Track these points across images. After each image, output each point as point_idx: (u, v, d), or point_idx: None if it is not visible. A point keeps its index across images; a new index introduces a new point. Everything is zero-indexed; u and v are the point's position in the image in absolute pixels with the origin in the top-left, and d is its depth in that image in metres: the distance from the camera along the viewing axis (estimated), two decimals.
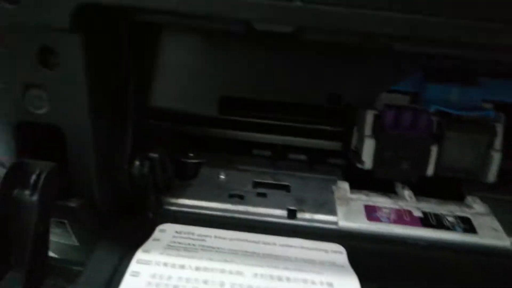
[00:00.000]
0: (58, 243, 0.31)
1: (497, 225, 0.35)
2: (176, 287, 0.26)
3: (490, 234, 0.34)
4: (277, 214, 0.35)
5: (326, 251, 0.31)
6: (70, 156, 0.27)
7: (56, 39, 0.23)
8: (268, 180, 0.39)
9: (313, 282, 0.27)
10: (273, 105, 0.40)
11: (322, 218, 0.34)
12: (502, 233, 0.34)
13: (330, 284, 0.27)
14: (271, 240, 0.31)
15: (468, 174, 0.37)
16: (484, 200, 0.38)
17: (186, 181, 0.38)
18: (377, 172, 0.37)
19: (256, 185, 0.38)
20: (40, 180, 0.25)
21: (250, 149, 0.44)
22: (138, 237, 0.30)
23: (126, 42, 0.27)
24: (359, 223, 0.34)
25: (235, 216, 0.34)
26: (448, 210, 0.36)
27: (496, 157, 0.36)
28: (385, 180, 0.39)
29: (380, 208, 0.36)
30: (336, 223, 0.34)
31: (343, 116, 0.41)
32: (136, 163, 0.31)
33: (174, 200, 0.35)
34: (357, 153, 0.39)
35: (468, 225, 0.35)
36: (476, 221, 0.35)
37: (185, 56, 0.32)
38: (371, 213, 0.35)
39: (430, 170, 0.37)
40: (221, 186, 0.37)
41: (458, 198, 0.38)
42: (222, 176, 0.39)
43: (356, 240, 0.32)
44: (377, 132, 0.37)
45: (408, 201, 0.37)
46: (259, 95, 0.34)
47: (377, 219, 0.34)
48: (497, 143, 0.37)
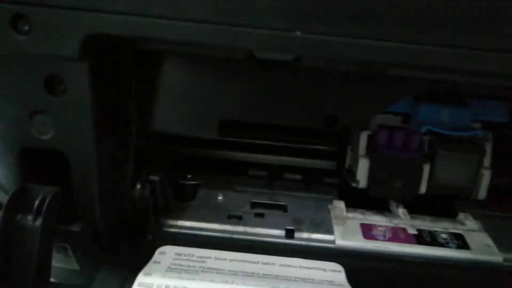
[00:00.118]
0: (59, 268, 0.31)
1: (489, 241, 0.36)
2: None
3: (483, 250, 0.35)
4: (275, 234, 0.35)
5: (325, 270, 0.31)
6: (74, 181, 0.27)
7: (64, 67, 0.24)
8: (265, 201, 0.39)
9: None
10: (270, 126, 0.41)
11: (320, 237, 0.35)
12: (495, 249, 0.35)
13: None
14: (271, 260, 0.32)
15: (460, 192, 0.38)
16: (476, 217, 0.39)
17: (185, 203, 0.38)
18: (372, 191, 0.38)
19: (254, 206, 0.39)
20: (44, 205, 0.25)
21: (247, 170, 0.45)
22: (139, 260, 0.30)
23: (130, 69, 0.28)
24: (356, 242, 0.35)
25: (234, 237, 0.35)
26: (442, 227, 0.37)
27: (486, 175, 0.38)
28: (380, 199, 0.40)
29: (376, 226, 0.37)
30: (334, 242, 0.35)
31: (338, 136, 0.42)
32: (137, 187, 0.32)
33: (173, 222, 0.35)
34: (352, 173, 0.40)
35: (462, 242, 0.36)
36: (469, 238, 0.36)
37: (186, 81, 0.33)
38: (367, 232, 0.36)
39: (423, 189, 0.38)
40: (219, 207, 0.38)
41: (451, 215, 0.39)
42: (220, 197, 0.39)
43: (354, 259, 0.33)
44: (371, 152, 0.38)
45: (403, 219, 0.38)
46: (259, 118, 0.35)
47: (373, 237, 0.35)
48: (487, 161, 0.38)
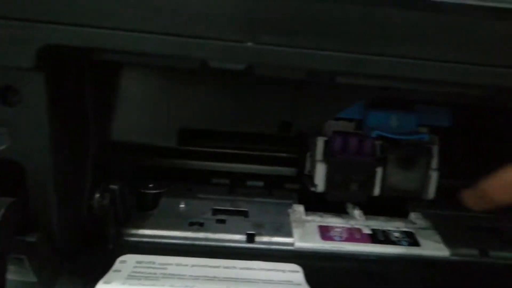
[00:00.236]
0: (14, 282, 0.30)
1: (438, 238, 0.38)
2: None
3: (432, 246, 0.37)
4: (237, 239, 0.36)
5: (284, 271, 0.32)
6: (30, 191, 0.27)
7: (19, 78, 0.24)
8: (227, 207, 0.40)
9: None
10: (231, 135, 0.42)
11: (279, 240, 0.36)
12: (443, 245, 0.37)
13: None
14: (231, 264, 0.32)
15: (410, 193, 0.41)
16: (426, 216, 0.41)
17: (147, 212, 0.38)
18: (329, 195, 0.40)
19: (216, 212, 0.39)
20: None
21: (210, 178, 0.45)
22: (99, 270, 0.30)
23: (87, 79, 0.28)
24: (314, 243, 0.36)
25: (196, 243, 0.35)
26: (394, 226, 0.39)
27: (434, 176, 0.40)
28: (337, 202, 0.41)
29: (333, 228, 0.38)
30: (293, 244, 0.36)
31: (298, 143, 0.44)
32: (96, 196, 0.32)
33: (135, 231, 0.36)
34: (311, 177, 0.42)
35: (412, 239, 0.38)
36: (419, 235, 0.38)
37: (145, 91, 0.34)
38: (325, 233, 0.37)
39: (377, 191, 0.40)
40: (181, 215, 0.38)
41: (403, 215, 0.41)
42: (182, 205, 0.40)
43: (312, 259, 0.34)
44: (328, 157, 0.40)
45: (358, 220, 0.40)
46: (216, 126, 0.36)
47: (331, 238, 0.37)
48: (434, 163, 0.41)
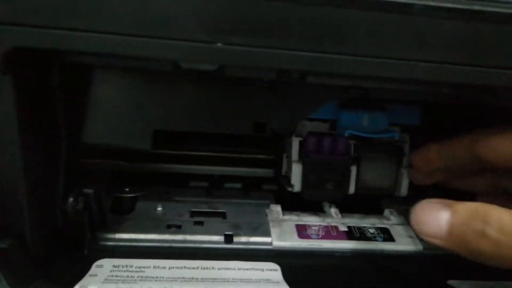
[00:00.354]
0: None
1: (412, 233, 0.39)
2: None
3: (406, 241, 0.38)
4: (215, 240, 0.36)
5: (262, 270, 0.32)
6: (0, 195, 0.27)
7: None
8: (205, 209, 0.40)
9: None
10: (207, 138, 0.42)
11: (257, 240, 0.37)
12: (416, 239, 0.38)
13: None
14: (210, 265, 0.32)
15: (384, 190, 0.42)
16: (400, 212, 0.42)
17: (123, 216, 0.38)
18: (306, 194, 0.41)
19: (193, 215, 0.39)
20: None
21: (187, 182, 0.45)
22: (74, 275, 0.30)
23: (58, 81, 0.28)
24: (291, 242, 0.37)
25: (174, 246, 0.35)
26: (370, 223, 0.40)
27: (405, 174, 0.41)
28: (314, 201, 0.42)
29: (310, 226, 0.39)
30: (271, 243, 0.36)
31: (274, 145, 0.44)
32: (70, 200, 0.31)
33: (111, 235, 0.35)
34: (287, 178, 0.42)
35: (387, 235, 0.39)
36: (394, 231, 0.39)
37: (117, 93, 0.34)
38: (302, 232, 0.38)
39: (352, 189, 0.41)
40: (158, 218, 0.38)
41: (378, 212, 0.42)
42: (159, 208, 0.39)
43: (289, 257, 0.35)
44: (303, 157, 0.41)
45: (335, 218, 0.41)
46: (190, 128, 0.37)
47: (308, 237, 0.37)
48: (405, 161, 0.42)
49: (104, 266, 0.31)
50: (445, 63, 0.27)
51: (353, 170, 0.41)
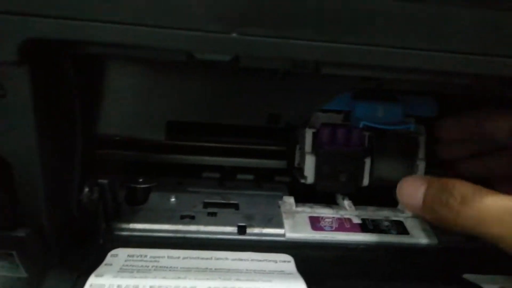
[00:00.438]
0: (4, 277, 0.30)
1: (426, 226, 0.39)
2: None
3: (421, 234, 0.38)
4: (228, 231, 0.36)
5: (275, 261, 0.32)
6: (18, 186, 0.27)
7: (3, 72, 0.24)
8: (218, 200, 0.40)
9: None
10: (221, 129, 0.42)
11: (270, 232, 0.37)
12: (431, 232, 0.38)
13: None
14: (223, 256, 0.33)
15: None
16: None
17: (137, 206, 0.38)
18: (319, 186, 0.40)
19: (206, 206, 0.39)
20: None
21: (200, 173, 0.46)
22: (90, 264, 0.30)
23: (72, 72, 0.28)
24: (305, 233, 0.36)
25: (187, 236, 0.36)
26: (384, 216, 0.40)
27: (421, 166, 0.41)
28: (327, 193, 0.42)
29: (323, 218, 0.39)
30: (284, 235, 0.36)
31: (287, 136, 0.44)
32: (85, 190, 0.32)
33: (125, 225, 0.36)
34: (300, 169, 0.42)
35: (402, 228, 0.38)
36: (408, 224, 0.39)
37: (131, 83, 0.34)
38: (315, 223, 0.38)
39: (366, 181, 0.40)
40: (172, 209, 0.38)
41: (392, 204, 0.42)
42: (173, 199, 0.40)
43: (303, 249, 0.35)
44: (316, 149, 0.40)
45: (348, 210, 0.40)
46: (204, 119, 0.36)
47: (321, 229, 0.37)
48: (421, 153, 0.41)
49: (119, 256, 0.32)
50: (463, 53, 0.26)
51: (367, 162, 0.40)
